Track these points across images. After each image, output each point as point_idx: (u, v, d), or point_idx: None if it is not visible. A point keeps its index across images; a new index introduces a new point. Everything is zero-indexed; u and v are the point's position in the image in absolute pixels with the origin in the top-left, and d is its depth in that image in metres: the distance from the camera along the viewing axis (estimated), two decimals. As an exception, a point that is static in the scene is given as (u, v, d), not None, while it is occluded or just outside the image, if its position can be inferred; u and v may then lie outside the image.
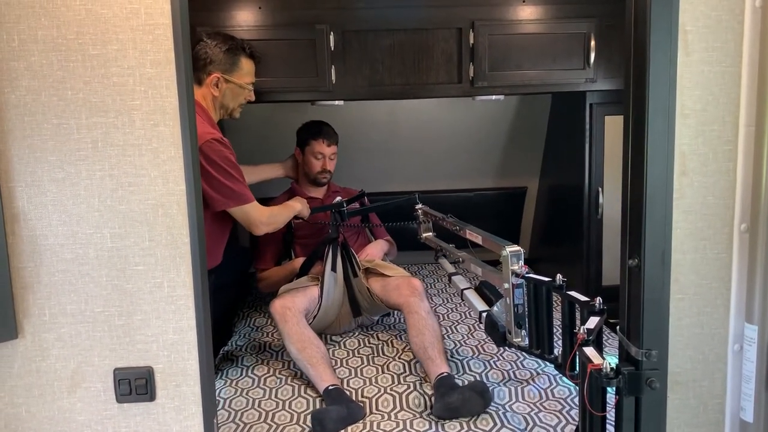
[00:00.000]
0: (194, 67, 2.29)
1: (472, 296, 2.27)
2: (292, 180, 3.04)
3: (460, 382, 2.12)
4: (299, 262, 2.75)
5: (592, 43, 2.73)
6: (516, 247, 1.87)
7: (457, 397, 1.96)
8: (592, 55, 2.74)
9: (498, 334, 1.99)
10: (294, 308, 2.38)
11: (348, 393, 2.14)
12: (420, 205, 2.72)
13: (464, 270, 2.49)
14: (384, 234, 3.09)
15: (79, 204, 1.33)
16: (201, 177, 1.51)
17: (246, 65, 2.39)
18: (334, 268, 2.57)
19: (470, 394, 1.96)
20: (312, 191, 2.98)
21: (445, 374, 2.11)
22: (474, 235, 2.17)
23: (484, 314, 2.10)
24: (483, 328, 2.14)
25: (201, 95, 2.30)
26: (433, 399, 2.05)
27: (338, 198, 2.84)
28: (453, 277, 2.50)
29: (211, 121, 2.32)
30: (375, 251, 2.87)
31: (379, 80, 2.76)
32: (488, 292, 2.20)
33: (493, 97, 2.89)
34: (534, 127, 3.48)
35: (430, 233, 2.72)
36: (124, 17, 1.28)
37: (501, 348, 2.27)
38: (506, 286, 1.87)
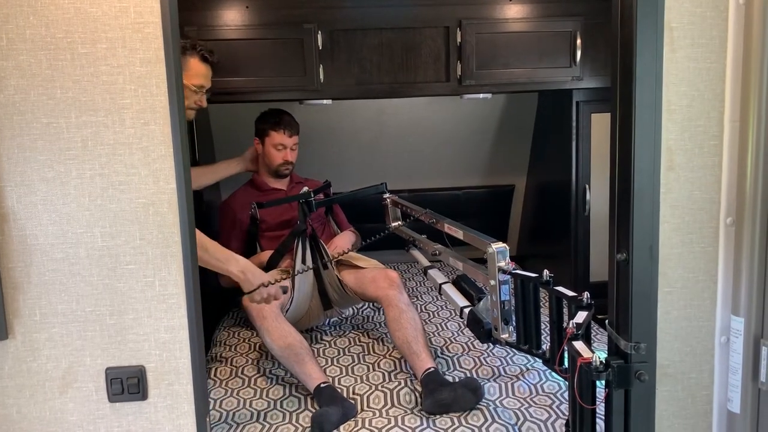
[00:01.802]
0: None
1: (451, 291, 2.24)
2: (253, 172, 2.95)
3: (450, 378, 2.13)
4: (266, 255, 2.67)
5: (579, 41, 2.76)
6: (501, 244, 1.86)
7: (449, 394, 1.97)
8: (579, 54, 2.77)
9: (482, 331, 1.97)
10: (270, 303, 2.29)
11: (339, 391, 2.13)
12: (388, 195, 2.63)
13: (441, 263, 2.41)
14: (348, 225, 3.05)
15: (69, 203, 1.32)
16: None
17: (194, 65, 2.28)
18: (304, 261, 2.49)
19: (462, 391, 1.97)
20: (274, 183, 2.91)
21: (432, 369, 2.12)
22: (453, 230, 2.10)
23: (466, 310, 2.09)
24: (465, 323, 2.13)
25: None
26: (422, 395, 2.06)
27: (305, 188, 2.69)
28: (429, 271, 2.44)
29: None
30: (343, 242, 2.82)
31: (367, 79, 2.77)
32: (467, 287, 2.17)
33: (481, 95, 2.90)
34: (521, 125, 3.50)
35: (399, 222, 2.59)
36: (113, 16, 1.27)
37: (490, 344, 2.27)
38: (493, 282, 1.87)
